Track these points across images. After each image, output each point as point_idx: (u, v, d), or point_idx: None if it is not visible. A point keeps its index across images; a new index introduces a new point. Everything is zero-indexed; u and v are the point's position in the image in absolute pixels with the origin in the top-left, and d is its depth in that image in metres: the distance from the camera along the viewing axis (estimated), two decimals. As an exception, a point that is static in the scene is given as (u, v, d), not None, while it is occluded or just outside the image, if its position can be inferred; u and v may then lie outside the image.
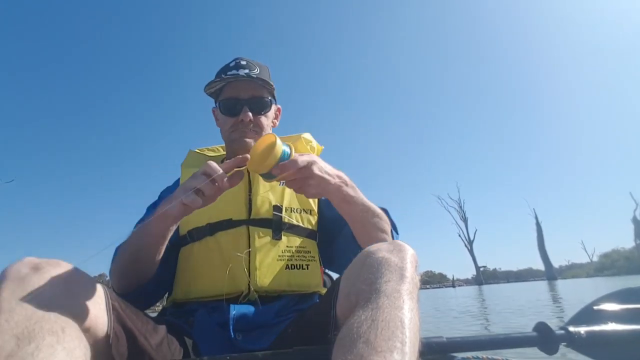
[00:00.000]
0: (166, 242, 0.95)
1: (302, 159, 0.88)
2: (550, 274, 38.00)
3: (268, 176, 0.88)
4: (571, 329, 1.00)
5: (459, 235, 44.23)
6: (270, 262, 1.06)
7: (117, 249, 1.04)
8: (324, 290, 1.14)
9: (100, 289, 0.75)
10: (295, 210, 1.15)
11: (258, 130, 1.17)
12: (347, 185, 0.97)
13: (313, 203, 1.18)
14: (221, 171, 0.83)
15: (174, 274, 1.13)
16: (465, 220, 44.36)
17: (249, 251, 1.05)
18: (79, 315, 0.67)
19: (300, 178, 0.89)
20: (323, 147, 1.44)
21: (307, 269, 1.10)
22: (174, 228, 0.93)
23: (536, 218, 41.31)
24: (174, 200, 0.83)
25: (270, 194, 1.13)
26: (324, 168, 0.92)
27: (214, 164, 0.84)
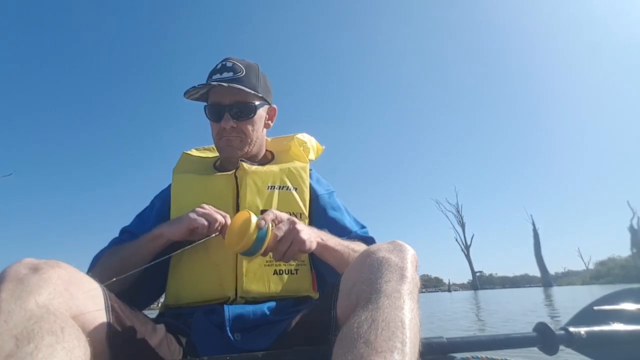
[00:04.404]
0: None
1: (284, 229, 0.91)
2: (546, 281, 37.93)
3: (248, 254, 0.88)
4: (571, 329, 1.01)
5: (456, 240, 44.21)
6: (256, 268, 1.05)
7: (95, 259, 1.04)
8: (315, 294, 1.13)
9: (99, 290, 0.75)
10: None
11: (243, 136, 1.16)
12: (323, 235, 1.02)
13: (303, 207, 1.15)
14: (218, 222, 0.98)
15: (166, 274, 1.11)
16: (462, 225, 44.32)
17: (236, 257, 1.05)
18: (78, 315, 0.67)
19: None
20: (324, 147, 1.41)
21: (296, 273, 1.08)
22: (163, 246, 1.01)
23: (533, 224, 41.24)
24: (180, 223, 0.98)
25: (257, 199, 1.11)
26: (305, 228, 0.95)
27: (218, 217, 0.98)
